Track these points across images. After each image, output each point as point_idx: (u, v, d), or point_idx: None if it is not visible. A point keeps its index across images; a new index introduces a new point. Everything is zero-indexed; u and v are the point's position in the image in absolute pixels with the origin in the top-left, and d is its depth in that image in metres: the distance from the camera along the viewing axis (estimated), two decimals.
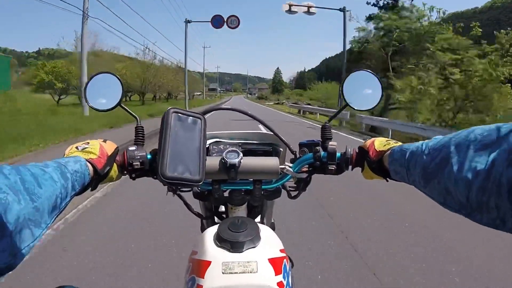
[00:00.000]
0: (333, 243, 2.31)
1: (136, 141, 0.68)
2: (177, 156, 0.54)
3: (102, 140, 0.61)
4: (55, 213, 0.41)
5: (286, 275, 0.54)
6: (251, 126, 5.97)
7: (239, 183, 0.70)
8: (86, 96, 0.70)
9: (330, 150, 0.67)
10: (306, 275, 1.90)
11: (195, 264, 0.54)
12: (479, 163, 0.31)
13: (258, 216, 0.81)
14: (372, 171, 0.62)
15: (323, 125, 0.74)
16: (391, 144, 0.60)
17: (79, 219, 2.73)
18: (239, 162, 0.64)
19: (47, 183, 0.39)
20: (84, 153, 0.55)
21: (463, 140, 0.35)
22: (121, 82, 0.71)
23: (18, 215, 0.32)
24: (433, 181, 0.39)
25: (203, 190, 0.73)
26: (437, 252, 2.20)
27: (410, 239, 2.41)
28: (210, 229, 0.59)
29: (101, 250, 2.15)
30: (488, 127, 0.33)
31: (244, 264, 0.50)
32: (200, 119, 0.60)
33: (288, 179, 0.72)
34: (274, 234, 0.61)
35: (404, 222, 2.73)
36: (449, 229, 2.55)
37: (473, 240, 2.37)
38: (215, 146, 0.81)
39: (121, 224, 2.62)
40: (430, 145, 0.42)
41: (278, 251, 0.57)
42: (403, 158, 0.49)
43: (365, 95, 0.74)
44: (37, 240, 0.36)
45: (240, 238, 0.53)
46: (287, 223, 2.60)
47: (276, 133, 0.76)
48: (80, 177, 0.48)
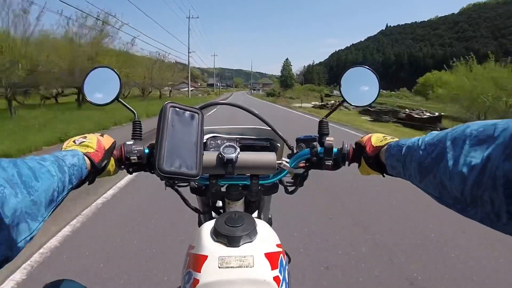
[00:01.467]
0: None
1: (134, 136, 0.68)
2: (174, 151, 0.54)
3: (100, 134, 0.61)
4: (52, 207, 0.41)
5: (282, 270, 0.54)
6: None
7: (236, 178, 0.70)
8: (84, 91, 0.70)
9: (327, 145, 0.67)
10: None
11: (192, 258, 0.54)
12: (475, 157, 0.31)
13: (256, 212, 0.81)
14: (369, 167, 0.63)
15: (320, 121, 0.74)
16: (388, 140, 0.60)
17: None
18: (236, 157, 0.64)
19: (44, 176, 0.39)
20: (81, 147, 0.55)
21: (459, 135, 0.35)
22: (119, 77, 0.71)
23: (15, 208, 0.32)
24: (429, 176, 0.39)
25: (200, 185, 0.73)
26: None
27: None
28: (207, 224, 0.59)
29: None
30: (485, 122, 0.33)
31: (241, 258, 0.51)
32: (197, 114, 0.60)
33: (285, 174, 0.73)
34: (271, 229, 0.62)
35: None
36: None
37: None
38: (212, 141, 0.81)
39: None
40: (426, 140, 0.42)
41: (275, 246, 0.57)
42: (399, 154, 0.49)
43: (362, 91, 0.74)
44: (34, 233, 0.36)
45: (236, 232, 0.54)
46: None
47: (274, 128, 0.76)
48: (78, 171, 0.49)
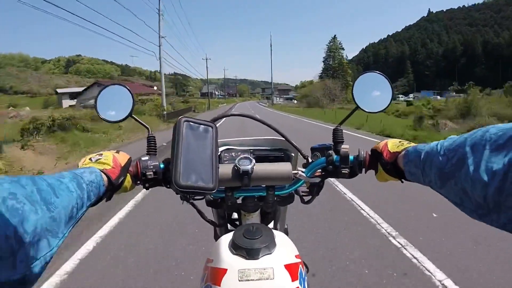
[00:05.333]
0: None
1: (149, 151, 0.68)
2: (190, 165, 0.54)
3: (115, 151, 0.62)
4: (72, 223, 0.41)
5: (302, 281, 0.53)
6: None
7: (252, 190, 0.70)
8: (97, 108, 0.71)
9: (343, 153, 0.66)
10: None
11: (210, 272, 0.54)
12: (496, 163, 0.31)
13: (271, 222, 0.81)
14: (386, 173, 0.62)
15: (334, 128, 0.74)
16: (405, 145, 0.60)
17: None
18: (251, 168, 0.64)
19: (64, 193, 0.39)
20: (98, 164, 0.56)
21: (478, 140, 0.35)
22: (132, 93, 0.72)
23: (35, 225, 0.32)
24: (450, 182, 0.39)
25: (216, 197, 0.73)
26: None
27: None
28: (224, 237, 0.59)
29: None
30: (504, 126, 0.33)
31: (261, 271, 0.50)
32: (211, 127, 0.60)
33: (301, 184, 0.72)
34: (288, 239, 0.61)
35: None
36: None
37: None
38: (226, 153, 0.82)
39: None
40: (445, 145, 0.42)
41: (294, 257, 0.57)
42: (418, 159, 0.48)
43: (375, 97, 0.74)
44: (53, 250, 0.35)
45: (255, 245, 0.53)
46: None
47: (287, 138, 0.76)
48: (96, 188, 0.49)
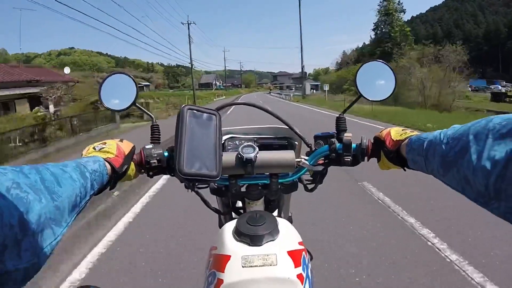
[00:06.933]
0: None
1: (152, 139, 0.69)
2: (194, 153, 0.54)
3: (119, 140, 0.62)
4: (75, 212, 0.41)
5: (305, 268, 0.54)
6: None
7: (255, 178, 0.70)
8: (101, 97, 0.71)
9: (346, 141, 0.66)
10: None
11: (215, 259, 0.55)
12: (498, 152, 0.32)
13: (276, 210, 0.81)
14: (389, 161, 0.62)
15: (337, 117, 0.74)
16: (408, 134, 0.60)
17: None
18: (255, 156, 0.64)
19: (67, 182, 0.40)
20: (102, 153, 0.56)
21: (481, 129, 0.35)
22: (135, 82, 0.72)
23: (39, 214, 0.32)
24: (452, 170, 0.39)
25: (220, 185, 0.74)
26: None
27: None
28: (228, 224, 0.60)
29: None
30: (507, 116, 0.33)
31: (264, 257, 0.51)
32: (215, 115, 0.60)
33: (305, 172, 0.72)
34: (292, 227, 0.62)
35: None
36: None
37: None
38: (230, 141, 0.82)
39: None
40: (449, 134, 0.42)
41: (297, 243, 0.57)
42: (421, 148, 0.49)
43: (378, 86, 0.73)
44: (58, 238, 0.36)
45: (259, 231, 0.54)
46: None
47: (291, 126, 0.76)
48: (99, 176, 0.49)
